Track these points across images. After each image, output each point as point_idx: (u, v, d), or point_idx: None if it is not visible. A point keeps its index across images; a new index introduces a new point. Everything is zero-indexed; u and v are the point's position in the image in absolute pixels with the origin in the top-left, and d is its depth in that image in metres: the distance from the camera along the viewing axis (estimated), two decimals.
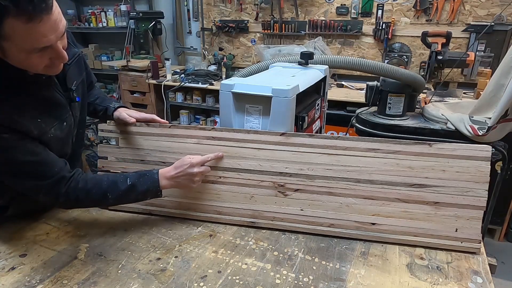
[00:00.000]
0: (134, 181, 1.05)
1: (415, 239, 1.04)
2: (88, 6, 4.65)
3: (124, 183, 1.04)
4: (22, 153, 0.93)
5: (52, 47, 0.84)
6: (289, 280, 0.92)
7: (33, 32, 0.78)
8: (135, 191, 1.05)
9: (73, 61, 1.10)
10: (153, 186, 1.07)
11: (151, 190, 1.07)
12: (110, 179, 1.05)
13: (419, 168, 1.05)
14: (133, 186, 1.05)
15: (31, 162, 0.95)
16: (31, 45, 0.81)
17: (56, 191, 0.99)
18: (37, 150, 0.97)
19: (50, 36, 0.81)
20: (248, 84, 1.20)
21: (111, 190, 1.03)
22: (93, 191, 1.02)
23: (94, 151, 3.61)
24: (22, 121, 0.92)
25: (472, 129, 1.44)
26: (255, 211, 1.15)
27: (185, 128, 1.23)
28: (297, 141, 1.13)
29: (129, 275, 0.94)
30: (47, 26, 0.79)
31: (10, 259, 1.00)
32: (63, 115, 1.05)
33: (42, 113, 0.98)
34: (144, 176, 1.07)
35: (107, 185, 1.04)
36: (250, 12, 3.77)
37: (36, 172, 0.97)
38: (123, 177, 1.06)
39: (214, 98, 3.55)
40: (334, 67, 1.52)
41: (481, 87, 2.24)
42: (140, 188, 1.05)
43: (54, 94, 1.02)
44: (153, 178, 1.07)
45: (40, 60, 0.86)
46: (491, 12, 2.89)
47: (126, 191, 1.04)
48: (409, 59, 3.16)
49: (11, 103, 0.91)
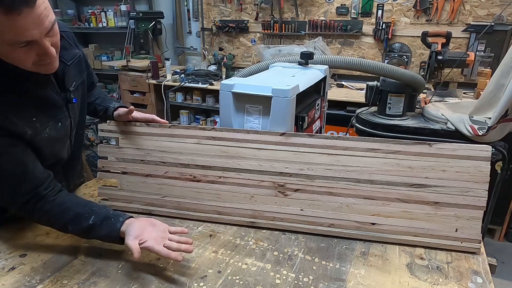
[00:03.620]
0: (96, 221, 0.96)
1: (415, 239, 1.04)
2: (88, 6, 4.65)
3: (86, 220, 0.96)
4: (7, 162, 0.92)
5: (38, 42, 0.83)
6: (289, 280, 0.92)
7: (13, 25, 0.76)
8: (94, 232, 0.97)
9: (73, 62, 1.09)
10: (112, 234, 0.96)
11: (109, 237, 0.97)
12: (77, 211, 0.98)
13: (419, 168, 1.05)
14: (92, 227, 0.96)
15: (13, 173, 0.94)
16: (12, 38, 0.79)
17: (24, 209, 0.98)
18: (25, 160, 0.95)
19: (32, 30, 0.79)
20: (248, 84, 1.20)
21: (72, 223, 0.97)
22: (55, 218, 0.99)
23: (94, 151, 3.61)
24: (17, 120, 0.91)
25: (472, 129, 1.44)
26: (255, 211, 1.15)
27: (185, 128, 1.23)
28: (297, 141, 1.13)
29: (129, 275, 0.94)
30: (29, 20, 0.78)
31: (10, 259, 1.00)
32: (59, 115, 1.05)
33: (38, 112, 0.97)
34: (108, 221, 0.97)
35: (71, 216, 0.97)
36: (250, 12, 3.77)
37: (14, 185, 0.95)
38: (89, 213, 0.97)
39: (214, 98, 3.55)
40: (334, 67, 1.52)
41: (481, 87, 2.24)
42: (100, 232, 0.96)
43: (50, 93, 1.01)
44: (115, 227, 0.95)
45: (26, 56, 0.84)
46: (491, 12, 2.89)
47: (86, 229, 0.96)
48: (409, 59, 3.16)
49: (7, 101, 0.90)
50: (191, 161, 1.20)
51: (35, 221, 1.07)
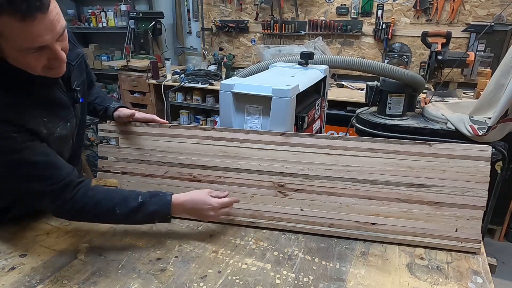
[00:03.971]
0: (145, 199, 1.00)
1: (415, 239, 1.04)
2: (88, 6, 4.65)
3: (135, 200, 0.99)
4: (31, 154, 0.91)
5: (49, 47, 0.84)
6: (289, 280, 0.92)
7: (27, 31, 0.77)
8: (144, 210, 0.99)
9: (77, 61, 1.10)
10: (164, 208, 1.00)
11: (160, 212, 1.00)
12: (122, 194, 1.00)
13: (419, 168, 1.05)
14: (142, 204, 0.99)
15: (40, 163, 0.93)
16: (26, 44, 0.80)
17: (63, 196, 0.94)
18: (47, 151, 0.95)
19: (45, 36, 0.80)
20: (248, 84, 1.20)
21: (120, 205, 0.98)
22: (102, 203, 0.97)
23: (94, 151, 3.61)
24: (32, 120, 0.92)
25: (472, 129, 1.44)
26: (255, 211, 1.15)
27: (185, 128, 1.23)
28: (297, 141, 1.13)
29: (129, 275, 0.94)
30: (42, 26, 0.79)
31: (10, 259, 1.00)
32: (67, 115, 1.06)
33: (49, 113, 0.98)
34: (157, 196, 1.01)
35: (118, 199, 0.99)
36: (250, 12, 3.77)
37: (44, 174, 0.93)
38: (135, 194, 1.01)
39: (214, 98, 3.55)
40: (334, 67, 1.53)
41: (481, 87, 2.24)
42: (150, 207, 0.99)
43: (58, 94, 1.02)
44: (165, 199, 1.01)
45: (37, 61, 0.85)
46: (491, 12, 2.88)
47: (135, 208, 0.98)
48: (409, 59, 3.16)
49: (21, 103, 0.91)
50: (191, 161, 1.20)
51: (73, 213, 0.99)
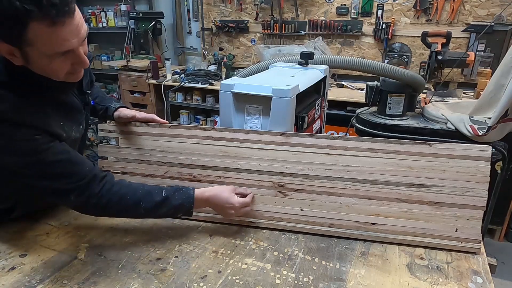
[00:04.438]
0: (169, 194, 1.02)
1: (415, 239, 1.04)
2: (88, 6, 4.64)
3: (159, 195, 1.01)
4: (53, 153, 0.93)
5: (74, 52, 0.85)
6: (289, 280, 0.92)
7: (56, 36, 0.79)
8: (168, 204, 1.02)
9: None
10: (187, 202, 1.03)
11: (184, 205, 1.03)
12: (146, 189, 1.02)
13: (419, 168, 1.05)
14: (167, 198, 1.02)
15: (63, 160, 0.94)
16: (54, 49, 0.81)
17: (88, 191, 0.95)
18: (68, 149, 0.97)
19: (72, 40, 0.82)
20: (248, 84, 1.20)
21: (145, 199, 1.00)
22: (127, 197, 0.99)
23: (94, 151, 3.61)
24: (53, 124, 0.94)
25: (472, 129, 1.44)
26: (255, 211, 1.15)
27: (185, 128, 1.23)
28: (297, 141, 1.13)
29: (129, 275, 0.94)
30: (70, 30, 0.80)
31: (10, 259, 1.00)
32: (80, 118, 1.08)
33: (65, 117, 1.00)
34: (180, 191, 1.04)
35: (142, 193, 1.01)
36: (250, 12, 3.77)
37: (68, 171, 0.95)
38: (159, 189, 1.03)
39: (214, 98, 3.55)
40: (334, 67, 1.52)
41: (481, 87, 2.24)
42: (174, 202, 1.02)
43: (72, 98, 1.04)
44: (188, 193, 1.04)
45: (62, 66, 0.86)
46: (491, 12, 2.89)
47: (160, 202, 1.01)
48: (409, 59, 3.16)
49: (42, 108, 0.92)
50: (191, 161, 1.20)
51: (99, 208, 0.99)
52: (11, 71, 0.87)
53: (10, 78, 0.88)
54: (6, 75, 0.87)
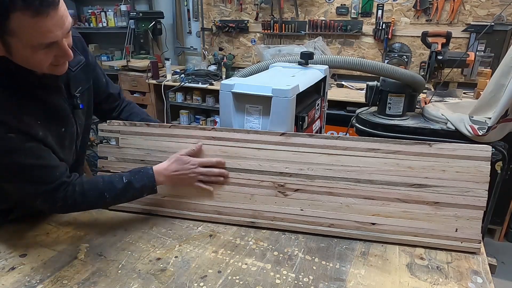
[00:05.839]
0: (129, 178, 1.07)
1: (415, 239, 1.04)
2: (88, 6, 4.65)
3: (120, 182, 1.06)
4: (26, 156, 0.93)
5: (58, 43, 0.84)
6: (289, 280, 0.92)
7: (40, 27, 0.78)
8: (131, 188, 1.07)
9: (77, 68, 1.09)
10: (149, 181, 1.09)
11: (147, 185, 1.09)
12: (106, 180, 1.06)
13: (419, 168, 1.05)
14: (129, 183, 1.06)
15: (35, 165, 0.95)
16: (37, 41, 0.80)
17: (54, 197, 0.99)
18: (42, 154, 0.97)
19: (56, 31, 0.81)
20: (248, 84, 1.20)
21: (108, 190, 1.05)
22: (90, 193, 1.03)
23: (94, 151, 3.61)
24: (29, 121, 0.92)
25: (472, 129, 1.44)
26: (255, 211, 1.15)
27: (185, 128, 1.23)
28: (297, 141, 1.13)
29: (129, 275, 0.94)
30: (54, 21, 0.79)
31: (10, 259, 1.00)
32: (65, 121, 1.06)
33: (46, 117, 0.98)
34: (139, 173, 1.09)
35: (103, 185, 1.05)
36: (250, 12, 3.77)
37: (38, 176, 0.96)
38: (119, 176, 1.07)
39: (214, 98, 3.55)
40: (334, 67, 1.52)
41: (481, 87, 2.24)
42: (136, 184, 1.07)
43: (59, 100, 1.03)
44: (148, 173, 1.09)
45: (45, 57, 0.85)
46: (491, 12, 2.89)
47: (123, 189, 1.06)
48: (409, 59, 3.16)
49: (19, 105, 0.91)
50: None
51: (66, 209, 1.07)
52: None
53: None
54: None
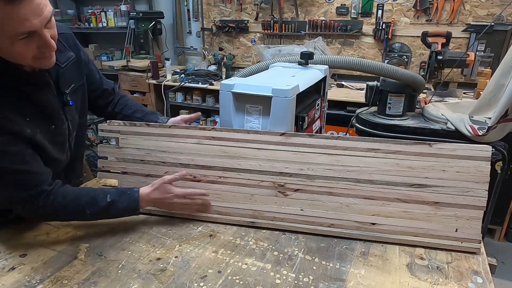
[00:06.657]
0: (114, 198, 1.06)
1: (415, 239, 1.04)
2: (88, 6, 4.65)
3: (103, 200, 1.04)
4: (10, 160, 0.92)
5: (38, 34, 0.83)
6: (289, 280, 0.92)
7: (14, 15, 0.76)
8: (114, 208, 1.06)
9: (67, 64, 1.09)
10: (133, 205, 1.08)
11: (130, 208, 1.08)
12: (90, 195, 1.05)
13: (419, 168, 1.05)
14: (112, 203, 1.05)
15: (16, 171, 0.94)
16: (14, 30, 0.79)
17: (34, 204, 0.98)
18: (26, 158, 0.96)
19: (33, 20, 0.80)
20: (248, 84, 1.20)
21: (89, 206, 1.04)
22: (71, 206, 1.03)
23: (94, 151, 3.61)
24: (16, 119, 0.91)
25: (472, 129, 1.44)
26: (255, 211, 1.15)
27: (185, 128, 1.23)
28: (297, 141, 1.13)
29: (129, 275, 0.94)
30: (29, 9, 0.78)
31: (10, 259, 1.00)
32: (55, 118, 1.05)
33: (34, 114, 0.97)
34: (125, 194, 1.08)
35: (86, 200, 1.04)
36: (250, 12, 3.77)
37: (18, 182, 0.96)
38: (103, 193, 1.06)
39: (214, 98, 3.55)
40: (334, 67, 1.53)
41: (481, 87, 2.24)
42: (119, 205, 1.06)
43: (48, 97, 1.02)
44: (133, 196, 1.08)
45: (26, 49, 0.84)
46: (491, 12, 2.89)
47: (105, 207, 1.04)
48: (409, 59, 3.16)
49: (5, 101, 0.90)
50: (191, 161, 1.20)
51: (47, 217, 1.10)
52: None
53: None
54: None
